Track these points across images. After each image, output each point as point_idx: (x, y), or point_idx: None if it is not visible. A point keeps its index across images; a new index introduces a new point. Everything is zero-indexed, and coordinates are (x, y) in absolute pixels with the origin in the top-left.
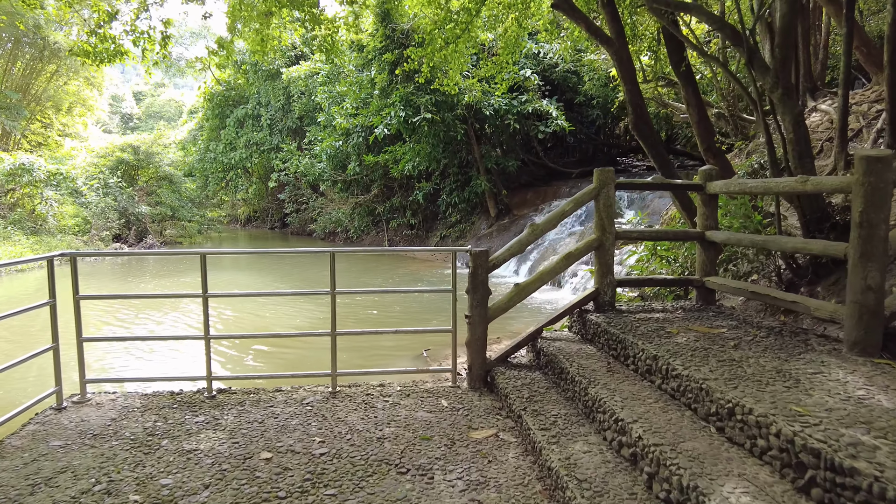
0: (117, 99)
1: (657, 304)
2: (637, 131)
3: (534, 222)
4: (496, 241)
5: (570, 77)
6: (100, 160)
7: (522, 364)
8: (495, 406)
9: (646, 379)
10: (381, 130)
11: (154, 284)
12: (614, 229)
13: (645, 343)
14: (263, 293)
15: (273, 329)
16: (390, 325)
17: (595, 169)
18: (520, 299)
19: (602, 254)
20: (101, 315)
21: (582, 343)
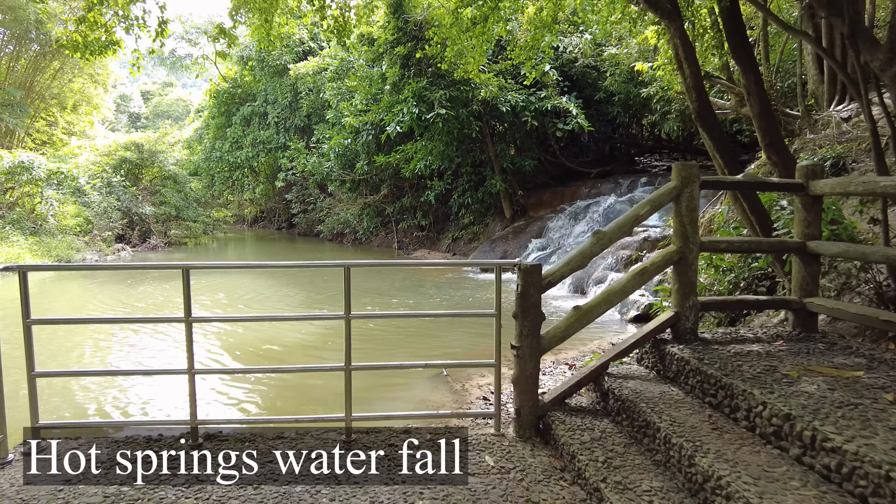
0: (125, 98)
1: (744, 329)
2: (701, 121)
3: (600, 230)
4: (512, 244)
5: (590, 73)
6: (103, 158)
7: (584, 407)
8: (555, 466)
9: (772, 444)
10: (394, 128)
11: (154, 288)
12: (699, 238)
13: (762, 392)
14: (260, 318)
15: (273, 353)
16: (407, 344)
17: (674, 164)
18: (581, 325)
19: (684, 269)
20: (70, 334)
21: (662, 383)
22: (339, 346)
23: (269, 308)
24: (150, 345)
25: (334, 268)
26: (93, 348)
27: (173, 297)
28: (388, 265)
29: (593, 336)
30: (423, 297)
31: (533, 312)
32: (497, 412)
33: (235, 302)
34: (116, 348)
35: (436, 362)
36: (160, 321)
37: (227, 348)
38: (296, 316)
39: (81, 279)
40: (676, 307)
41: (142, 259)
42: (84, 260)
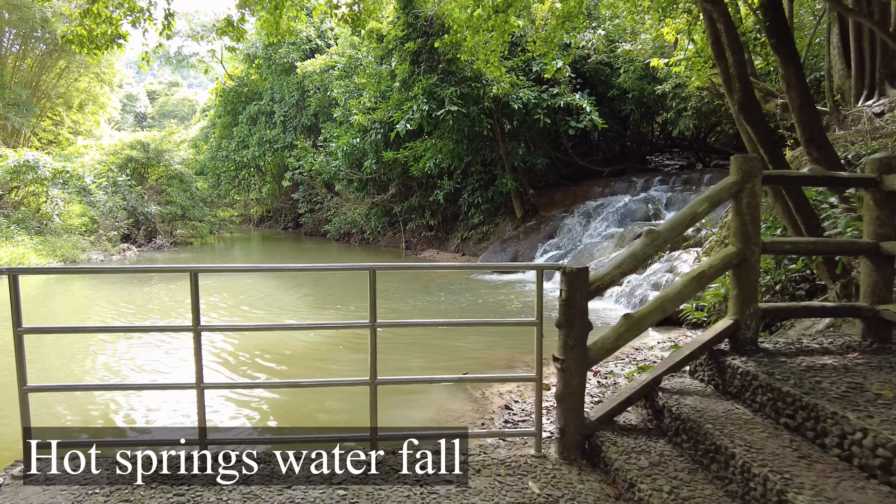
0: (131, 98)
1: (807, 339)
2: (745, 114)
3: (653, 229)
4: (523, 244)
5: (602, 69)
6: (108, 158)
7: (634, 426)
8: (608, 493)
9: (878, 479)
10: (403, 126)
11: (160, 289)
12: (761, 240)
13: (858, 416)
14: (275, 326)
15: (283, 358)
16: (419, 350)
17: (734, 156)
18: (631, 336)
19: (745, 273)
20: (72, 337)
21: (723, 399)
22: (352, 350)
23: (278, 310)
24: (156, 349)
25: (358, 270)
26: (96, 352)
27: (180, 298)
28: (416, 268)
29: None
30: (431, 300)
31: (579, 321)
32: (538, 431)
33: (242, 303)
34: (122, 351)
35: (470, 376)
36: (166, 330)
37: (234, 353)
38: (315, 325)
39: (87, 278)
40: (735, 315)
41: (148, 259)
42: (89, 260)
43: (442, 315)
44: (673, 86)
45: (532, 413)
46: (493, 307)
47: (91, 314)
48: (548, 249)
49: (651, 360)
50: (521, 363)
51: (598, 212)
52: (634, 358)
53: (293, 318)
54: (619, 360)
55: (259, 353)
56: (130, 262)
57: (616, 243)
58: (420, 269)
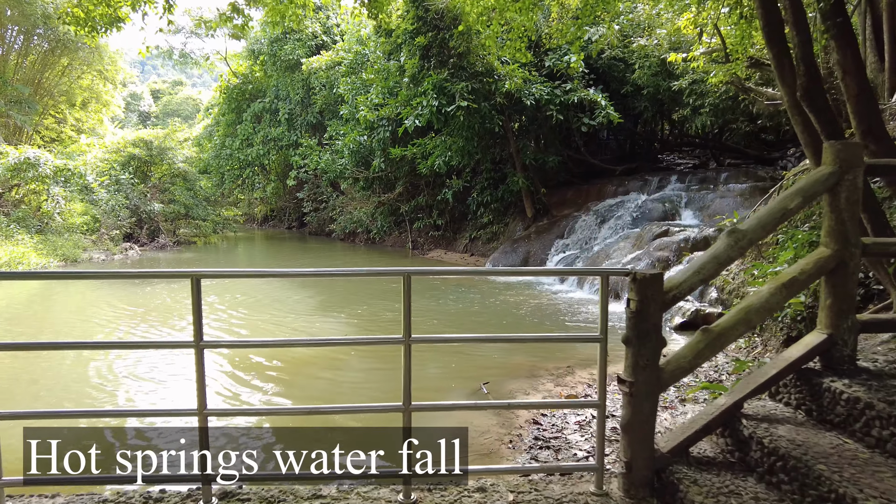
0: (135, 97)
1: None
2: (808, 99)
3: (737, 227)
4: (535, 244)
5: (616, 65)
6: (111, 155)
7: (711, 459)
8: None
9: None
10: (412, 122)
11: (162, 289)
12: (860, 240)
13: None
14: (291, 342)
15: (291, 368)
16: (433, 358)
17: (829, 143)
18: (711, 353)
19: (841, 279)
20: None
21: (822, 429)
22: (364, 356)
23: (284, 313)
24: (155, 352)
25: (392, 276)
26: (89, 358)
27: (182, 300)
28: (454, 273)
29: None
30: (441, 302)
31: (653, 337)
32: (600, 465)
33: (244, 305)
34: (118, 354)
35: (521, 401)
36: (164, 346)
37: (237, 360)
38: (339, 340)
39: (94, 279)
40: (829, 328)
41: (150, 259)
42: (90, 259)
43: (456, 319)
44: (690, 82)
45: (563, 429)
46: (505, 309)
47: (91, 317)
48: (560, 250)
49: (709, 377)
50: (545, 372)
51: (612, 211)
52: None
53: (301, 321)
54: None
55: (264, 358)
56: (132, 262)
57: (634, 243)
58: (459, 274)
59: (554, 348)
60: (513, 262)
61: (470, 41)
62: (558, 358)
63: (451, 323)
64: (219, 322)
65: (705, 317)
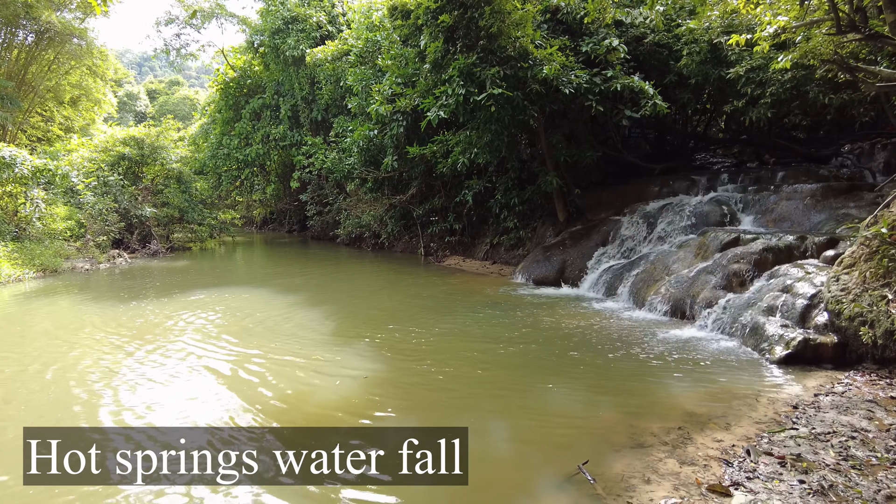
0: (131, 97)
1: None
2: None
3: None
4: (571, 252)
5: (659, 52)
6: (99, 155)
7: None
8: None
9: None
10: (435, 113)
11: (148, 302)
12: None
13: None
14: None
15: (309, 416)
16: (506, 398)
17: None
18: None
19: None
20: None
21: None
22: (397, 396)
23: (292, 338)
24: (154, 384)
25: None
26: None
27: (168, 312)
28: None
29: (727, 392)
30: (468, 324)
31: None
32: None
33: (241, 327)
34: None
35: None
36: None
37: (251, 408)
38: None
39: (73, 291)
40: None
41: (141, 267)
42: (73, 269)
43: (489, 348)
44: (747, 69)
45: None
46: (548, 331)
47: (78, 338)
48: (604, 258)
49: None
50: (651, 437)
51: (661, 215)
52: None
53: (323, 350)
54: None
55: (261, 407)
56: (121, 272)
57: (696, 253)
58: None
59: (639, 394)
60: (547, 272)
61: (504, 20)
62: (655, 412)
63: (497, 352)
64: (215, 354)
65: (816, 348)
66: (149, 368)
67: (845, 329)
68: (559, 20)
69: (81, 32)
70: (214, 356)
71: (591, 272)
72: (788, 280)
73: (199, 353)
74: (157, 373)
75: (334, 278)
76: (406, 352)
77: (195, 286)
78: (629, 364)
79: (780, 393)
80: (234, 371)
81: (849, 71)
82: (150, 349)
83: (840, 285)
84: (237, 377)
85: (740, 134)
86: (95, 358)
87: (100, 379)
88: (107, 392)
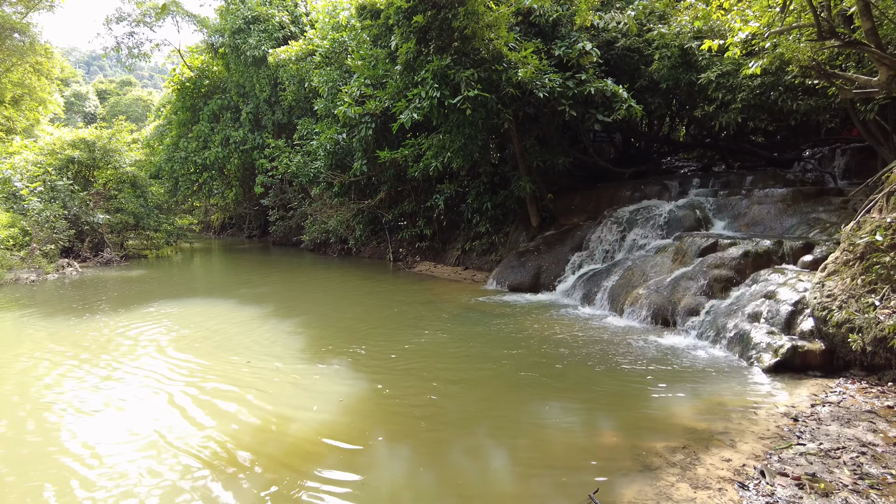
0: (80, 97)
1: None
2: None
3: None
4: (546, 258)
5: (630, 56)
6: (45, 158)
7: None
8: None
9: None
10: (408, 116)
11: (101, 318)
12: None
13: None
14: None
15: (290, 459)
16: (494, 416)
17: None
18: None
19: None
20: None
21: None
22: (384, 430)
23: (262, 355)
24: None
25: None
26: None
27: (128, 330)
28: None
29: (722, 404)
30: (446, 336)
31: None
32: None
33: (204, 344)
34: None
35: None
36: None
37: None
38: None
39: (14, 306)
40: None
41: (94, 278)
42: (17, 280)
43: (478, 361)
44: (718, 74)
45: None
46: (530, 341)
47: (13, 365)
48: (578, 264)
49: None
50: (658, 458)
51: (635, 220)
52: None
53: (294, 369)
54: (783, 440)
55: (232, 445)
56: (71, 283)
57: (674, 258)
58: None
59: (634, 410)
60: (522, 277)
61: (477, 21)
62: (655, 428)
63: (481, 366)
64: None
65: (804, 355)
66: (90, 394)
67: (833, 336)
68: (531, 23)
69: (23, 27)
70: (175, 379)
71: (567, 278)
72: (770, 286)
73: (156, 375)
74: (101, 400)
75: (301, 287)
76: (385, 369)
77: (153, 297)
78: (618, 376)
79: (777, 404)
80: (195, 397)
81: (826, 77)
82: (99, 371)
83: (825, 291)
84: (199, 404)
85: (704, 138)
86: (32, 380)
87: (30, 411)
88: (40, 424)
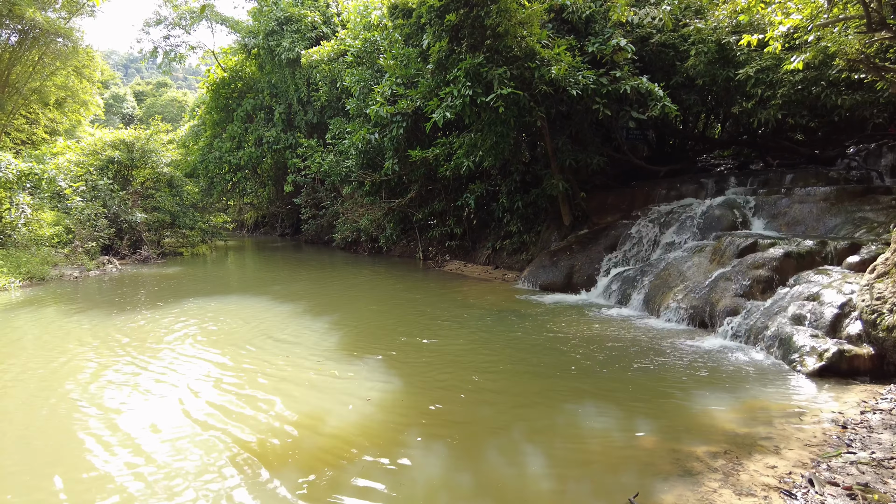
0: (118, 98)
1: None
2: None
3: None
4: (579, 258)
5: (665, 52)
6: (87, 159)
7: None
8: None
9: None
10: (441, 114)
11: (144, 316)
12: None
13: None
14: None
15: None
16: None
17: None
18: None
19: None
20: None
21: None
22: (422, 431)
23: (300, 355)
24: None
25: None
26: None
27: (167, 327)
28: None
29: (765, 409)
30: (480, 336)
31: None
32: None
33: (240, 340)
34: None
35: None
36: None
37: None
38: None
39: (60, 301)
40: None
41: (132, 275)
42: (62, 276)
43: (514, 360)
44: (757, 69)
45: None
46: (565, 342)
47: (66, 355)
48: (612, 264)
49: None
50: (699, 463)
51: (671, 219)
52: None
53: (329, 366)
54: (829, 447)
55: (278, 441)
56: (111, 279)
57: (712, 258)
58: None
59: (674, 413)
60: (554, 277)
61: (510, 19)
62: (695, 432)
63: (515, 367)
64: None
65: (851, 360)
66: (131, 390)
67: (883, 340)
68: (564, 19)
69: (67, 32)
70: (214, 375)
71: (601, 278)
72: (814, 288)
73: (197, 370)
74: (142, 398)
75: (333, 285)
76: (420, 368)
77: (190, 294)
78: (656, 378)
79: (823, 410)
80: (235, 392)
81: (875, 70)
82: (139, 366)
83: (875, 294)
84: (239, 399)
85: (741, 135)
86: (81, 373)
87: (87, 397)
88: (97, 409)
